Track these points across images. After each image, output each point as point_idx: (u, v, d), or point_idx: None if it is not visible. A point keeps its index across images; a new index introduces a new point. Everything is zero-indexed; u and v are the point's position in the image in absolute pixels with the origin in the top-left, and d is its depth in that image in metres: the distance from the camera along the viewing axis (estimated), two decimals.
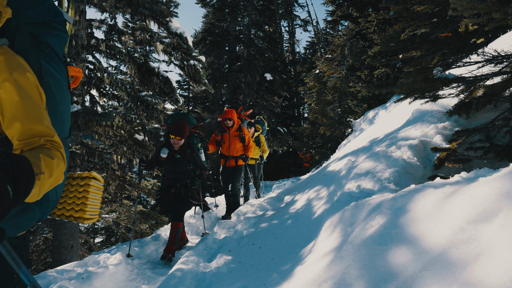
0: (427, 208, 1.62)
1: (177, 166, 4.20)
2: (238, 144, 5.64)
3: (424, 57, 3.16)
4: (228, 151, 5.65)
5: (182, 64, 7.92)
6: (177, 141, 4.04)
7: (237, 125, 5.60)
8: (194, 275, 3.02)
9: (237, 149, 5.66)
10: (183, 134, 4.02)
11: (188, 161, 4.19)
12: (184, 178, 4.27)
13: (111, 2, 6.69)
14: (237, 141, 5.63)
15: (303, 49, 30.05)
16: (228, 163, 5.69)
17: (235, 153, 5.67)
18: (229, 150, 5.64)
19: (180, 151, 4.15)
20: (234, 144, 5.62)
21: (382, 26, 11.21)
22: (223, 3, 16.55)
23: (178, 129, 4.01)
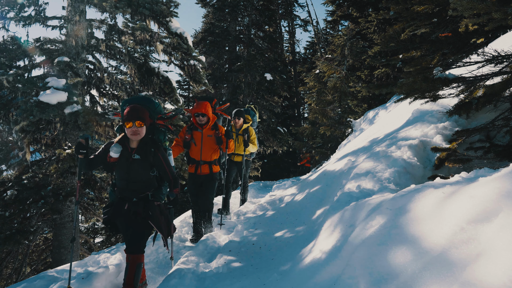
0: (427, 208, 1.62)
1: (134, 172, 2.86)
2: (212, 146, 4.47)
3: (424, 57, 3.16)
4: (199, 155, 4.46)
5: (182, 64, 7.92)
6: (136, 129, 2.75)
7: (212, 122, 4.44)
8: (194, 275, 3.02)
9: (211, 153, 4.48)
10: (143, 117, 2.79)
11: (151, 165, 2.89)
12: (143, 189, 2.92)
13: (111, 2, 6.69)
14: (211, 142, 4.45)
15: (303, 49, 30.05)
16: (199, 170, 4.47)
17: (208, 157, 4.48)
18: (201, 154, 4.44)
19: (140, 150, 2.84)
20: (208, 146, 4.45)
21: (382, 26, 11.21)
22: (223, 3, 16.55)
23: (134, 112, 2.76)
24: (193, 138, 4.45)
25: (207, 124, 4.40)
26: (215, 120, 4.50)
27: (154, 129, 3.00)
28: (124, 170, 2.87)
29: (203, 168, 4.48)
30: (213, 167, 4.53)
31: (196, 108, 4.31)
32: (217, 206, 6.31)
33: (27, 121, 5.94)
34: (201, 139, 4.43)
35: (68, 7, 7.11)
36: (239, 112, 5.88)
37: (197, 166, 4.50)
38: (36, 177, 7.41)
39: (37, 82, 6.48)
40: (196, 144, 4.44)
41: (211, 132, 4.45)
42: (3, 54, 7.05)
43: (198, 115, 4.33)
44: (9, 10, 7.06)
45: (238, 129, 5.88)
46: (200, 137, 4.43)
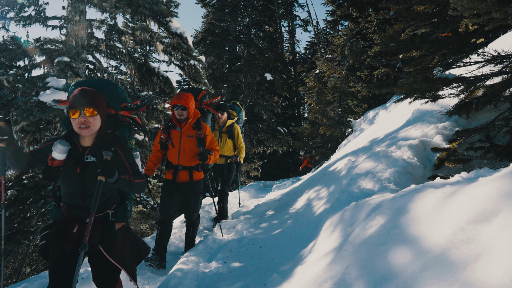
0: (427, 208, 1.62)
1: (88, 180, 2.01)
2: (193, 148, 3.69)
3: (424, 57, 3.16)
4: (177, 158, 3.67)
5: (182, 64, 7.93)
6: (85, 119, 1.94)
7: (194, 119, 3.68)
8: (194, 275, 3.02)
9: (191, 156, 3.69)
10: (97, 104, 1.99)
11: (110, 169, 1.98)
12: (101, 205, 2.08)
13: (111, 2, 6.69)
14: (191, 144, 3.68)
15: (303, 49, 30.06)
16: (177, 177, 3.70)
17: (187, 161, 3.68)
18: (179, 157, 3.67)
19: (96, 149, 2.04)
20: (187, 148, 3.68)
21: (382, 26, 11.21)
22: (223, 3, 16.55)
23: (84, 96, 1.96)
24: (170, 137, 3.70)
25: (186, 121, 3.63)
26: (198, 117, 3.72)
27: (115, 122, 2.28)
28: (73, 179, 2.01)
29: (182, 175, 3.70)
30: (194, 173, 3.73)
31: (174, 99, 3.58)
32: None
33: (27, 121, 5.94)
34: (180, 140, 3.66)
35: (68, 7, 7.11)
36: (222, 106, 5.05)
37: (175, 172, 3.71)
38: (36, 177, 7.41)
39: (37, 82, 6.48)
40: (173, 145, 3.69)
41: (192, 132, 3.67)
42: (3, 54, 7.05)
43: (176, 107, 3.59)
44: (9, 10, 7.05)
45: (222, 125, 5.15)
46: (179, 137, 3.67)
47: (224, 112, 5.04)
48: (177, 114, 3.62)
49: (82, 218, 2.07)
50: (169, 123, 3.77)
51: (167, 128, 3.73)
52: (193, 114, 3.68)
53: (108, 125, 2.21)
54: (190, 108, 3.60)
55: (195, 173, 3.76)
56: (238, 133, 5.19)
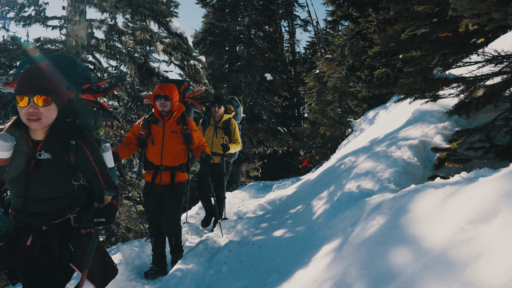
0: (427, 208, 1.62)
1: (39, 182, 1.67)
2: (178, 145, 3.31)
3: (424, 57, 3.16)
4: (159, 158, 3.29)
5: (182, 64, 7.93)
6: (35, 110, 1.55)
7: (178, 112, 3.32)
8: (194, 275, 3.02)
9: (176, 155, 3.32)
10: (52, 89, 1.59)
11: (71, 167, 1.71)
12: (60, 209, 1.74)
13: (111, 2, 6.69)
14: (176, 140, 3.30)
15: (303, 49, 30.07)
16: (158, 178, 3.34)
17: (171, 161, 3.31)
18: (162, 156, 3.29)
19: (50, 144, 1.67)
20: (172, 146, 3.30)
21: (382, 26, 11.21)
22: (223, 3, 16.56)
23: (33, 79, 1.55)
24: (150, 134, 3.27)
25: (170, 114, 3.26)
26: (182, 111, 3.34)
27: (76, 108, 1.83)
28: (23, 180, 1.62)
29: (164, 176, 3.31)
30: (177, 174, 3.34)
31: (157, 89, 3.20)
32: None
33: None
34: (163, 136, 3.25)
35: (68, 7, 7.11)
36: (219, 99, 4.65)
37: (155, 173, 3.31)
38: None
39: None
40: (154, 143, 3.27)
41: (176, 127, 3.29)
42: (3, 54, 7.06)
43: (159, 97, 3.18)
44: (9, 10, 7.06)
45: (218, 120, 4.71)
46: (161, 133, 3.25)
47: (221, 106, 4.62)
48: (160, 106, 3.21)
49: (36, 226, 1.68)
50: (149, 117, 3.34)
51: (147, 123, 3.27)
52: (178, 107, 3.30)
53: (67, 113, 1.75)
54: (174, 99, 3.21)
55: (179, 174, 3.36)
56: (235, 128, 4.73)
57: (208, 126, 4.76)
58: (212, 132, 4.72)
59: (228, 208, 6.32)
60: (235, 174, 16.01)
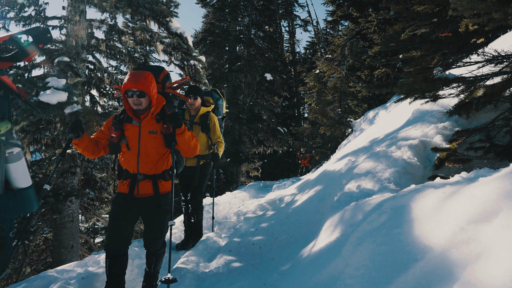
0: (427, 208, 1.62)
1: None
2: (159, 149, 2.66)
3: (424, 57, 3.16)
4: (135, 165, 2.62)
5: (182, 64, 7.93)
6: None
7: (158, 108, 2.63)
8: (195, 275, 3.02)
9: (156, 160, 2.65)
10: None
11: None
12: None
13: (111, 2, 6.69)
14: (156, 142, 2.64)
15: (303, 49, 30.08)
16: (136, 190, 2.64)
17: (151, 168, 2.64)
18: (139, 163, 2.61)
19: None
20: (151, 150, 2.63)
21: (382, 26, 11.21)
22: (223, 3, 16.57)
23: None
24: (124, 136, 2.61)
25: (148, 111, 2.57)
26: (163, 104, 2.65)
27: None
28: None
29: (143, 187, 2.63)
30: (161, 184, 2.67)
31: (128, 81, 2.45)
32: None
33: (27, 121, 5.94)
34: (139, 138, 2.59)
35: (68, 7, 7.11)
36: (195, 89, 3.94)
37: (132, 184, 2.62)
38: (36, 177, 7.42)
39: (37, 82, 6.49)
40: (129, 147, 2.60)
41: (156, 126, 2.61)
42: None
43: (131, 93, 2.47)
44: (9, 10, 7.06)
45: (194, 114, 3.97)
46: (137, 135, 2.59)
47: (196, 97, 3.91)
48: (133, 104, 2.50)
49: None
50: (122, 115, 2.65)
51: (119, 123, 2.59)
52: (157, 102, 2.61)
53: None
54: (152, 93, 2.50)
55: (162, 184, 2.67)
56: (215, 123, 4.01)
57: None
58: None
59: (228, 208, 6.32)
60: (235, 174, 16.02)
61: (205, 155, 4.07)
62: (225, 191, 9.83)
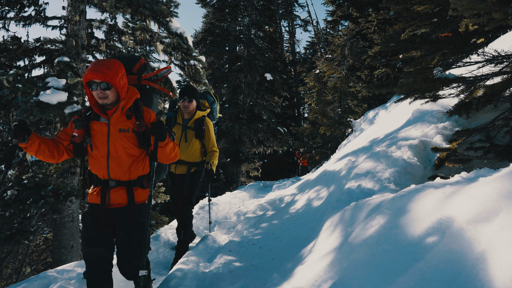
0: (427, 208, 1.62)
1: None
2: (131, 150, 2.28)
3: (424, 57, 3.16)
4: (105, 170, 2.27)
5: (182, 64, 7.93)
6: None
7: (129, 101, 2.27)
8: (195, 275, 3.02)
9: (129, 164, 2.28)
10: None
11: None
12: None
13: (111, 2, 6.69)
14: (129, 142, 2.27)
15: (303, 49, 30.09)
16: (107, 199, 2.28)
17: (125, 172, 2.28)
18: (109, 166, 2.26)
19: None
20: (122, 151, 2.26)
21: (382, 26, 11.21)
22: (223, 3, 16.57)
23: None
24: (89, 136, 2.23)
25: (116, 105, 2.20)
26: (136, 98, 2.29)
27: None
28: None
29: (115, 196, 2.26)
30: (137, 192, 2.30)
31: (89, 71, 2.08)
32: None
33: (27, 121, 5.94)
34: (108, 138, 2.22)
35: (68, 7, 7.11)
36: (190, 90, 3.60)
37: (103, 192, 2.26)
38: (36, 177, 7.42)
39: (37, 82, 6.49)
40: (96, 148, 2.24)
41: (127, 123, 2.24)
42: (3, 54, 7.06)
43: (95, 85, 2.12)
44: (9, 10, 7.06)
45: (188, 118, 3.66)
46: (106, 134, 2.22)
47: (192, 99, 3.57)
48: (98, 97, 2.14)
49: None
50: (89, 111, 2.28)
51: (83, 121, 2.22)
52: (128, 95, 2.25)
53: None
54: (119, 84, 2.15)
55: (139, 192, 2.30)
56: (209, 130, 3.70)
57: (175, 126, 3.69)
58: (180, 133, 3.65)
59: (228, 208, 6.32)
60: (235, 174, 16.03)
61: (197, 162, 3.73)
62: (225, 191, 9.83)
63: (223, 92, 16.84)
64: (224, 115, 15.93)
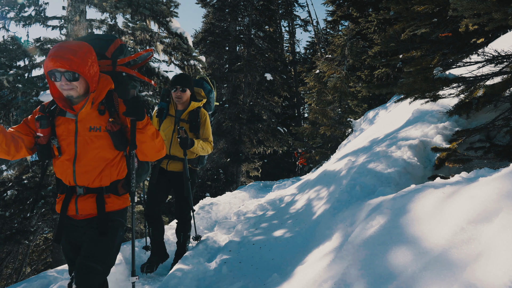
0: (427, 208, 1.62)
1: None
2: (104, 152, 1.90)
3: (424, 57, 3.16)
4: (72, 174, 1.87)
5: (182, 64, 7.93)
6: None
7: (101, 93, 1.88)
8: (194, 275, 3.02)
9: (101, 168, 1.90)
10: None
11: None
12: None
13: (111, 2, 6.69)
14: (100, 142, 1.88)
15: (303, 49, 30.09)
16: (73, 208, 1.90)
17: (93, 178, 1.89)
18: (75, 171, 1.86)
19: None
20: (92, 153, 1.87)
21: (382, 26, 11.20)
22: (223, 3, 16.57)
23: None
24: (55, 136, 1.86)
25: (85, 98, 1.83)
26: (109, 88, 1.91)
27: None
28: None
29: (83, 205, 1.90)
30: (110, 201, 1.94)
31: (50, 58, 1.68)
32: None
33: None
34: (75, 138, 1.86)
35: (68, 7, 7.11)
36: (183, 78, 3.24)
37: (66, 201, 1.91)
38: (36, 177, 7.42)
39: (37, 82, 6.49)
40: (62, 150, 1.87)
41: (98, 121, 1.88)
42: (3, 54, 7.06)
43: (58, 75, 1.72)
44: (9, 10, 7.06)
45: (181, 110, 3.30)
46: (73, 133, 1.86)
47: (185, 89, 3.21)
48: (62, 89, 1.75)
49: None
50: (53, 105, 1.89)
51: (48, 117, 1.84)
52: (99, 85, 1.87)
53: None
54: (88, 73, 1.75)
55: (112, 200, 1.94)
56: (205, 121, 3.33)
57: (167, 118, 3.32)
58: (172, 126, 3.28)
59: (228, 208, 6.32)
60: (235, 174, 16.03)
61: (192, 159, 3.41)
62: (225, 191, 9.82)
63: (223, 92, 16.84)
64: (224, 115, 15.94)
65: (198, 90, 3.52)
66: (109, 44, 2.18)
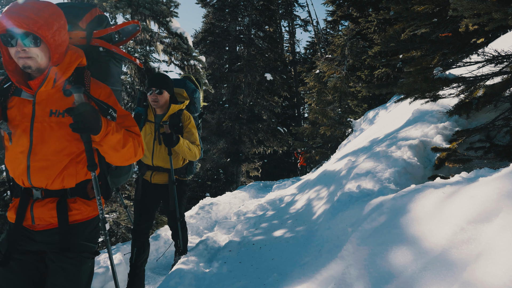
0: (427, 208, 1.62)
1: None
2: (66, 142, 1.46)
3: (424, 57, 3.16)
4: (26, 174, 1.44)
5: (182, 64, 7.93)
6: None
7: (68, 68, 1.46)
8: (194, 275, 3.02)
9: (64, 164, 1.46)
10: None
11: None
12: None
13: (111, 2, 6.70)
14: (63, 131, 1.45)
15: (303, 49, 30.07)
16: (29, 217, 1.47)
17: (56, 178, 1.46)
18: (30, 168, 1.43)
19: None
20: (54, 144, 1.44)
21: (382, 26, 11.20)
22: (223, 3, 16.57)
23: None
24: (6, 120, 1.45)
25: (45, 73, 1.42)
26: (79, 64, 1.52)
27: None
28: None
29: (41, 212, 1.49)
30: (75, 207, 1.54)
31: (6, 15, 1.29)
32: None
33: None
34: (31, 124, 1.45)
35: None
36: (160, 79, 2.83)
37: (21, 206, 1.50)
38: None
39: None
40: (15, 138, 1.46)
41: (62, 103, 1.48)
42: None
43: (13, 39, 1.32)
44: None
45: (161, 114, 2.91)
46: (29, 117, 1.46)
47: (162, 91, 2.78)
48: (17, 56, 1.37)
49: None
50: (7, 82, 1.51)
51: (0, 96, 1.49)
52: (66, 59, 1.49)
53: None
54: (51, 40, 1.38)
55: (78, 207, 1.55)
56: (189, 124, 2.95)
57: (146, 124, 2.93)
58: (153, 134, 2.91)
59: (228, 208, 6.32)
60: (235, 174, 16.03)
61: (179, 168, 3.07)
62: (225, 191, 9.82)
63: (223, 92, 16.84)
64: (224, 115, 15.94)
65: (179, 90, 3.14)
66: (85, 13, 1.74)
